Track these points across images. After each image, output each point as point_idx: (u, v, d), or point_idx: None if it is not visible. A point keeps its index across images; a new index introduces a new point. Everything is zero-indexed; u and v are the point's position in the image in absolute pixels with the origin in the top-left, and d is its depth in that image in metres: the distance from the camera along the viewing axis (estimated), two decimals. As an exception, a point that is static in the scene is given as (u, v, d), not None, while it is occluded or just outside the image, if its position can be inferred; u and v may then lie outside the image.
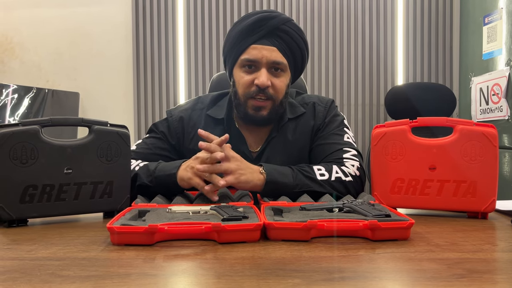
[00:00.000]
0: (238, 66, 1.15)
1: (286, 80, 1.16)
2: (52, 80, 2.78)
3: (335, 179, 1.04)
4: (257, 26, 1.11)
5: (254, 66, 1.12)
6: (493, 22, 2.28)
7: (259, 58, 1.11)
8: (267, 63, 1.11)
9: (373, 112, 2.81)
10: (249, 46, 1.12)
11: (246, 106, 1.14)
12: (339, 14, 2.77)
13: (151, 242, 0.70)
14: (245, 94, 1.14)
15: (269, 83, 1.11)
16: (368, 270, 0.58)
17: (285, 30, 1.12)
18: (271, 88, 1.12)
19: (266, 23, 1.11)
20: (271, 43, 1.11)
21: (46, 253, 0.66)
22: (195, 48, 2.76)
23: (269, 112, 1.14)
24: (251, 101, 1.13)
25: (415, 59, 2.79)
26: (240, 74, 1.14)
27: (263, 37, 1.11)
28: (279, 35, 1.12)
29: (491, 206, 0.92)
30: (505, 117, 2.17)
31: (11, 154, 0.85)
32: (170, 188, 1.02)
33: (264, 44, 1.11)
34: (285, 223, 0.73)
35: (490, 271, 0.57)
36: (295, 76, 1.22)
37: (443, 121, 0.97)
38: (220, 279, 0.53)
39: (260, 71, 1.11)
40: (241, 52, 1.13)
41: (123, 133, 0.97)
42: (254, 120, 1.16)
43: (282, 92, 1.15)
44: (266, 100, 1.13)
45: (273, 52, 1.11)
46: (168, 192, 1.02)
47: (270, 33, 1.11)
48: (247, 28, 1.12)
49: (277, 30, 1.12)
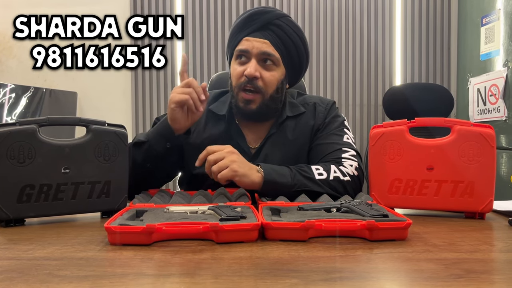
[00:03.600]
0: (234, 59, 1.19)
1: (277, 75, 1.16)
2: (49, 79, 2.78)
3: (333, 179, 1.04)
4: (251, 20, 1.15)
5: (245, 57, 1.15)
6: (491, 23, 2.29)
7: (250, 49, 1.13)
8: (257, 54, 1.13)
9: (371, 112, 2.81)
10: (242, 38, 1.15)
11: (237, 99, 1.16)
12: (337, 14, 2.77)
13: (148, 242, 0.70)
14: (236, 85, 1.16)
15: (257, 74, 1.12)
16: (366, 270, 0.58)
17: (278, 24, 1.14)
18: (260, 80, 1.14)
19: (260, 17, 1.14)
20: (263, 36, 1.14)
21: (43, 253, 0.66)
22: (193, 48, 2.76)
23: (259, 106, 1.15)
24: (241, 93, 1.15)
25: (413, 59, 2.79)
26: (234, 66, 1.18)
27: (256, 30, 1.14)
28: (272, 29, 1.14)
29: (489, 206, 0.93)
30: (503, 118, 2.17)
31: (8, 154, 0.84)
32: (164, 136, 1.09)
33: (256, 36, 1.14)
34: (283, 223, 0.73)
35: (487, 271, 0.57)
36: (293, 75, 1.22)
37: (441, 121, 0.97)
38: (217, 279, 0.53)
39: (250, 61, 1.13)
40: (236, 44, 1.17)
41: (121, 133, 0.97)
42: (244, 113, 1.17)
43: (272, 86, 1.15)
44: (255, 93, 1.14)
45: (264, 44, 1.13)
46: (162, 142, 1.09)
47: (263, 27, 1.14)
48: (241, 22, 1.16)
49: (270, 24, 1.14)
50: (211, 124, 1.23)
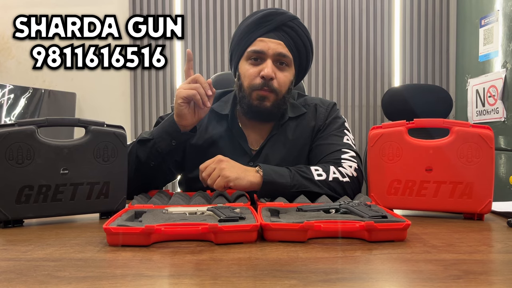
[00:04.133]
0: (244, 59, 1.17)
1: (290, 76, 1.17)
2: (48, 80, 2.78)
3: (332, 180, 1.04)
4: (265, 21, 1.14)
5: (260, 59, 1.15)
6: (490, 24, 2.29)
7: (266, 50, 1.13)
8: (273, 55, 1.13)
9: (370, 113, 2.81)
10: (256, 39, 1.15)
11: (250, 98, 1.16)
12: (336, 15, 2.78)
13: (147, 243, 0.70)
14: (250, 86, 1.15)
15: (274, 75, 1.13)
16: (365, 271, 0.58)
17: (291, 26, 1.15)
18: (275, 81, 1.14)
19: (274, 18, 1.14)
20: (278, 37, 1.14)
21: (42, 253, 0.66)
22: (193, 48, 2.76)
23: (272, 104, 1.15)
24: (255, 92, 1.15)
25: (411, 60, 2.80)
26: (246, 66, 1.17)
27: (270, 31, 1.14)
28: (285, 31, 1.15)
29: (487, 207, 0.93)
30: (501, 119, 2.18)
31: (7, 155, 0.84)
32: (169, 133, 1.08)
33: (271, 37, 1.14)
34: (282, 224, 0.73)
35: (486, 272, 0.58)
36: (299, 76, 1.23)
37: (440, 122, 0.97)
38: (216, 280, 0.53)
39: (266, 62, 1.13)
40: (248, 45, 1.16)
41: (119, 134, 0.97)
42: (258, 111, 1.16)
43: (285, 87, 1.16)
44: (270, 92, 1.14)
45: (279, 45, 1.14)
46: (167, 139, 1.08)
47: (277, 28, 1.14)
48: (255, 22, 1.15)
49: (284, 26, 1.14)
50: (213, 124, 1.23)
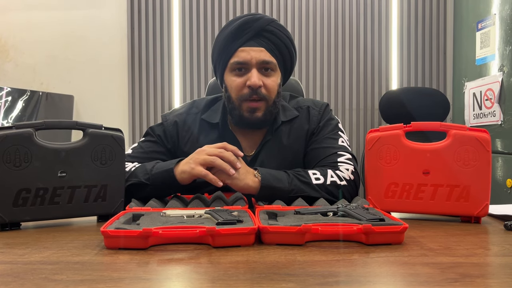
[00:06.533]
0: (229, 71, 1.16)
1: (277, 80, 1.17)
2: (46, 82, 2.77)
3: (330, 183, 1.04)
4: (243, 29, 1.13)
5: (244, 69, 1.14)
6: (486, 28, 2.31)
7: (249, 60, 1.12)
8: (257, 63, 1.12)
9: (367, 116, 2.82)
10: (237, 49, 1.13)
11: (241, 109, 1.15)
12: (334, 18, 2.79)
13: (145, 246, 0.70)
14: (238, 97, 1.14)
15: (261, 83, 1.12)
16: (362, 274, 0.58)
17: (270, 30, 1.14)
18: (263, 88, 1.13)
19: (252, 25, 1.13)
20: (259, 44, 1.13)
21: (39, 257, 0.66)
22: (190, 52, 2.76)
23: (264, 113, 1.15)
24: (245, 103, 1.14)
25: (409, 64, 2.81)
26: (231, 78, 1.15)
27: (250, 39, 1.13)
28: (265, 36, 1.14)
29: (484, 210, 0.93)
30: (498, 122, 2.19)
31: (5, 157, 0.84)
32: (168, 184, 1.01)
33: (251, 45, 1.13)
34: (280, 227, 0.73)
35: (482, 275, 0.58)
36: (285, 77, 1.23)
37: (437, 126, 0.98)
38: (214, 283, 0.53)
39: (251, 71, 1.12)
40: (230, 57, 1.14)
41: (117, 137, 0.97)
42: (250, 122, 1.16)
43: (274, 92, 1.16)
44: (260, 101, 1.13)
45: (262, 52, 1.13)
46: (165, 189, 1.02)
47: (256, 35, 1.13)
48: (233, 32, 1.13)
49: (263, 31, 1.13)
50: (204, 134, 1.22)
